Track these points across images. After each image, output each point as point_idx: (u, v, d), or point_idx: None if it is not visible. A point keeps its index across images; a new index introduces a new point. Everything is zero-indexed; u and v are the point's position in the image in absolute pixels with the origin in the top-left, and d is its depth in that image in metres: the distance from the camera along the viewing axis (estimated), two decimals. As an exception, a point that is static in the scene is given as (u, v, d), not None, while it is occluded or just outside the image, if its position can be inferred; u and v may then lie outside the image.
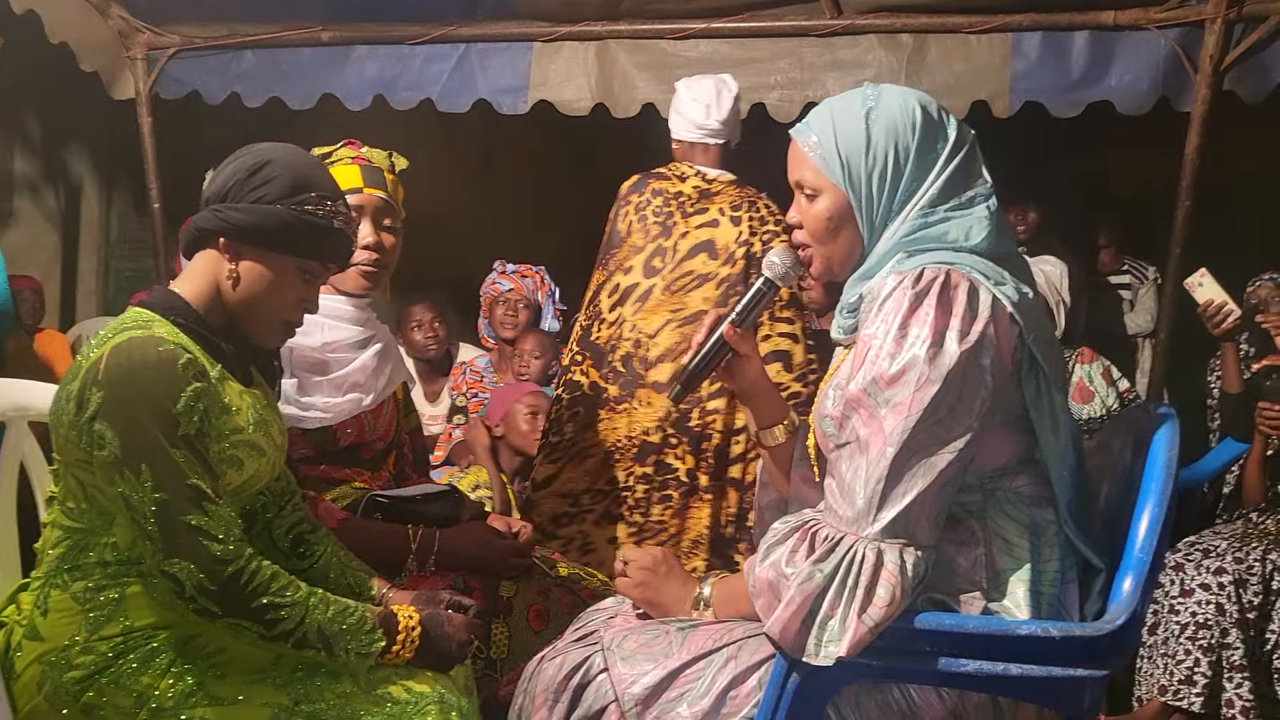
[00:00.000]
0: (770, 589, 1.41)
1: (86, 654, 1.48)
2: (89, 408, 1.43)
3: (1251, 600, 2.73)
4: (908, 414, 1.34)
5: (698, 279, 2.78)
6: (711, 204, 2.82)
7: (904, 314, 1.38)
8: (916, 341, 1.36)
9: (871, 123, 1.49)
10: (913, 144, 1.48)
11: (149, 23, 3.89)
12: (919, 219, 1.47)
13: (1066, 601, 1.45)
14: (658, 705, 1.48)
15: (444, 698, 1.54)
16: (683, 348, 2.67)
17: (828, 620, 1.36)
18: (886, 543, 1.36)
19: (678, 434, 2.76)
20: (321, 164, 1.68)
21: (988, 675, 1.35)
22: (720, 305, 1.73)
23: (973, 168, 1.51)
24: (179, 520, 1.42)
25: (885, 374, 1.36)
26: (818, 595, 1.36)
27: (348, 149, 2.14)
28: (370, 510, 2.06)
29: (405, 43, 3.76)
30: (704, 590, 1.62)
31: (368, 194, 2.09)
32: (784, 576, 1.39)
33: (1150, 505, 1.43)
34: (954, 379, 1.34)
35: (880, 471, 1.35)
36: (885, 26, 3.47)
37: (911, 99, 1.51)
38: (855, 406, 1.39)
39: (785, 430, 1.78)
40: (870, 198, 1.49)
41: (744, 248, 2.78)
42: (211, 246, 1.60)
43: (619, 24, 3.64)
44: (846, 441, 1.41)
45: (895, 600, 1.34)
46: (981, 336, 1.36)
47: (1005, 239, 1.49)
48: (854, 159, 1.49)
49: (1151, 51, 3.26)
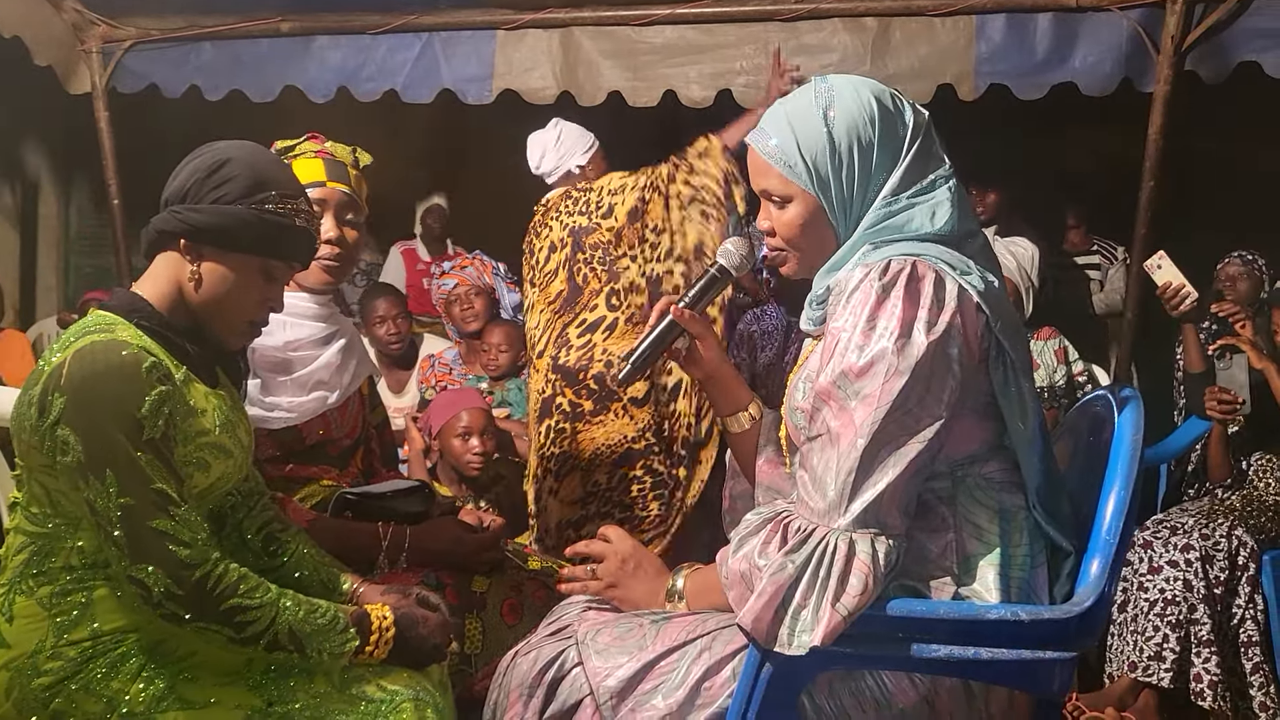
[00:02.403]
0: (743, 580, 1.41)
1: (54, 660, 1.47)
2: (51, 413, 1.41)
3: (1218, 576, 2.77)
4: (877, 405, 1.35)
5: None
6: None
7: (871, 306, 1.38)
8: (884, 334, 1.36)
9: (831, 123, 1.47)
10: (874, 136, 1.47)
11: (104, 15, 3.83)
12: (883, 208, 1.47)
13: (1036, 585, 1.46)
14: (633, 698, 1.48)
15: (419, 694, 1.53)
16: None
17: (800, 610, 1.36)
18: (858, 533, 1.36)
19: (658, 440, 2.89)
20: (281, 161, 1.66)
21: (959, 660, 1.36)
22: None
23: (932, 150, 1.51)
24: (145, 525, 1.40)
25: (854, 366, 1.37)
26: (790, 586, 1.37)
27: (311, 143, 2.12)
28: (340, 508, 2.05)
29: (367, 33, 3.73)
30: (677, 583, 1.62)
31: (331, 188, 2.07)
32: (756, 568, 1.39)
33: (1116, 488, 1.44)
34: (922, 370, 1.35)
35: (851, 463, 1.36)
36: (850, 10, 3.47)
37: (865, 90, 1.49)
38: (825, 399, 1.40)
39: (750, 416, 1.78)
40: (841, 196, 1.49)
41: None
42: (172, 248, 1.58)
43: (583, 10, 3.62)
44: (818, 434, 1.41)
45: (868, 589, 1.35)
46: (948, 327, 1.36)
47: (968, 218, 1.49)
48: (819, 161, 1.48)
49: (1114, 33, 3.28)
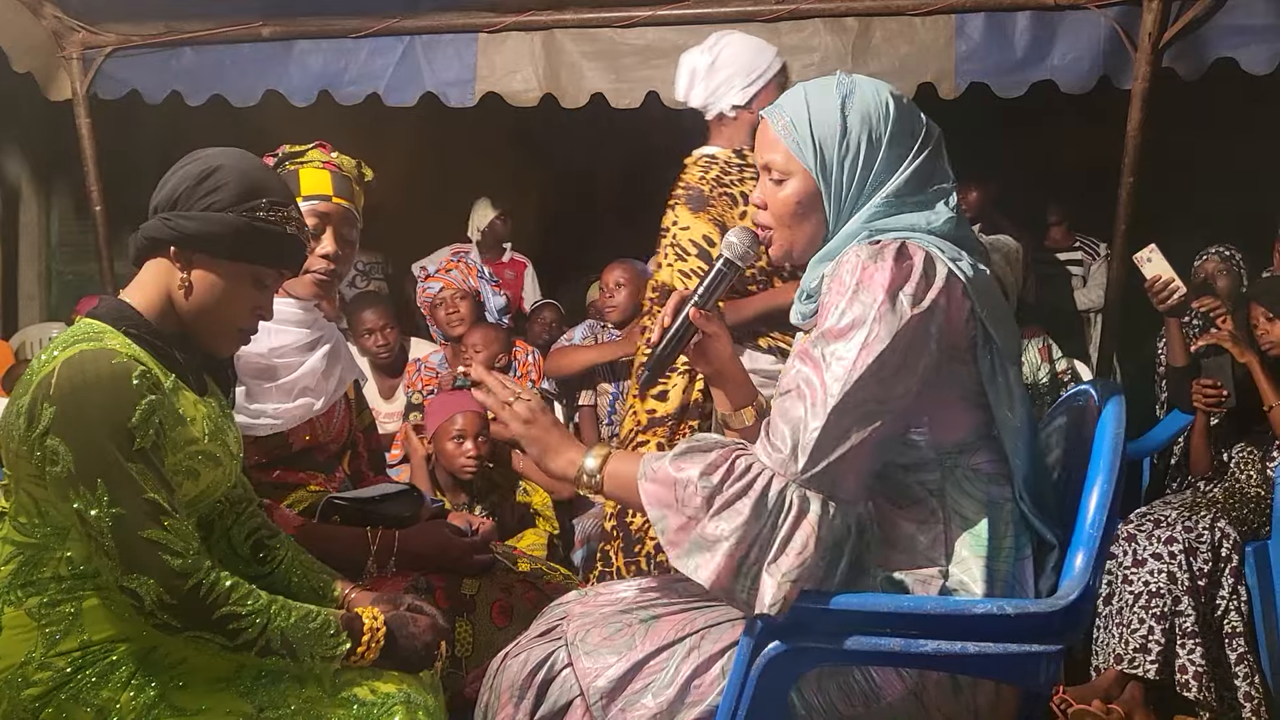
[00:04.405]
0: (673, 487, 1.40)
1: (44, 670, 1.46)
2: (40, 423, 1.41)
3: (1202, 568, 2.80)
4: (851, 369, 1.36)
5: None
6: None
7: (859, 276, 1.39)
8: (869, 302, 1.37)
9: (847, 110, 1.49)
10: (885, 133, 1.49)
11: (84, 21, 3.81)
12: (883, 206, 1.48)
13: (1022, 578, 1.48)
14: (623, 697, 1.49)
15: (410, 697, 1.54)
16: None
17: (751, 567, 1.36)
18: (811, 490, 1.37)
19: None
20: (271, 169, 1.65)
21: (946, 654, 1.37)
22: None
23: (939, 165, 1.53)
24: (137, 535, 1.40)
25: (834, 329, 1.38)
26: (743, 530, 1.35)
27: (319, 151, 2.09)
28: (327, 513, 2.04)
29: (348, 36, 3.72)
30: (588, 461, 1.55)
31: (335, 203, 2.05)
32: (691, 482, 1.39)
33: (1100, 482, 1.45)
34: (901, 341, 1.36)
35: (818, 422, 1.36)
36: (830, 10, 3.48)
37: (884, 91, 1.53)
38: (803, 358, 1.41)
39: (754, 413, 1.79)
40: (840, 184, 1.50)
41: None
42: (162, 255, 1.57)
43: (564, 13, 3.62)
44: (788, 390, 1.42)
45: (808, 550, 1.35)
46: (933, 304, 1.38)
47: (964, 228, 1.51)
48: (827, 144, 1.50)
49: (1092, 30, 3.31)
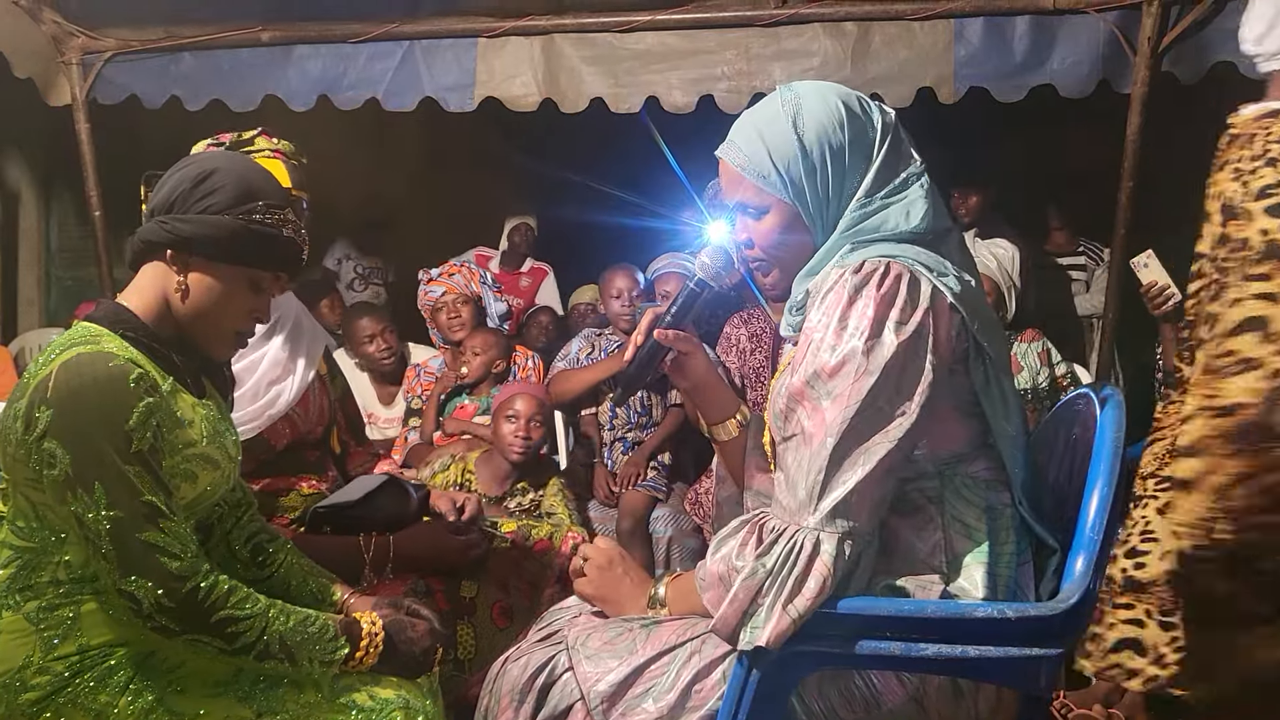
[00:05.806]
0: (720, 582, 1.42)
1: (42, 674, 1.46)
2: (38, 426, 1.40)
3: (1201, 571, 2.78)
4: (846, 404, 1.35)
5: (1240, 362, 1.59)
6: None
7: (843, 306, 1.39)
8: (855, 333, 1.37)
9: (800, 129, 1.47)
10: (844, 139, 1.47)
11: (83, 27, 3.80)
12: (858, 210, 1.47)
13: (1022, 582, 1.47)
14: (623, 702, 1.49)
15: (409, 703, 1.54)
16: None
17: (756, 610, 1.37)
18: (825, 531, 1.37)
19: None
20: (268, 172, 1.65)
21: (947, 658, 1.37)
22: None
23: (902, 149, 1.52)
24: (134, 538, 1.40)
25: (826, 366, 1.38)
26: (758, 589, 1.37)
27: (264, 140, 2.07)
28: (316, 523, 2.02)
29: (347, 41, 3.72)
30: (659, 591, 1.62)
31: (295, 195, 2.05)
32: (733, 569, 1.40)
33: (1099, 486, 1.45)
34: (892, 369, 1.36)
35: (821, 462, 1.36)
36: (829, 15, 3.48)
37: (831, 95, 1.50)
38: (799, 399, 1.41)
39: (737, 424, 1.79)
40: (816, 201, 1.49)
41: None
42: (158, 258, 1.57)
43: (564, 17, 3.62)
44: (792, 434, 1.42)
45: (824, 590, 1.36)
46: (920, 327, 1.37)
47: (942, 215, 1.50)
48: (792, 170, 1.48)
49: (1091, 34, 3.31)
